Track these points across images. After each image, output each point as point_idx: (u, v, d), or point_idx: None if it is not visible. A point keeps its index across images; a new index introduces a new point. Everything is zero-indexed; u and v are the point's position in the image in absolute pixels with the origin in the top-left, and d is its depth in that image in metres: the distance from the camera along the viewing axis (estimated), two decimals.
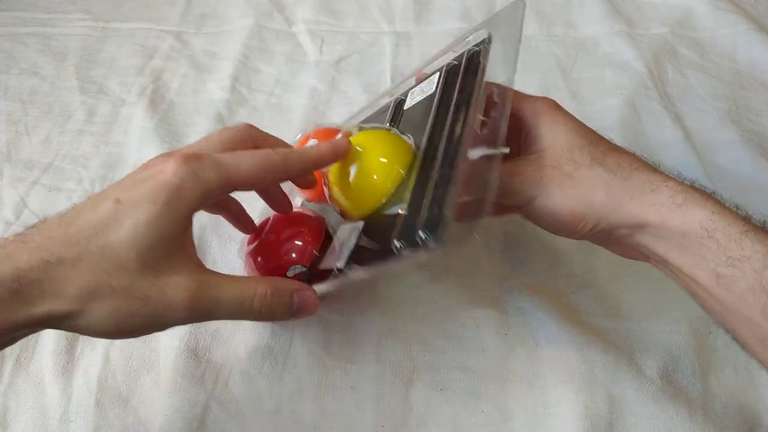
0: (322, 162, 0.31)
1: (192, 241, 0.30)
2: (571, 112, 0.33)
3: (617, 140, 0.33)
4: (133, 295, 0.25)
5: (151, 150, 0.52)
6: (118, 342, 0.39)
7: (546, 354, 0.38)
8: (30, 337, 0.39)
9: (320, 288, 0.33)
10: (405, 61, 0.63)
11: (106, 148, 0.54)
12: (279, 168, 0.29)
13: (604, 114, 0.57)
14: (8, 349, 0.38)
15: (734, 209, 0.28)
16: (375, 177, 0.31)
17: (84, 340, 0.39)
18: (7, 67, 0.62)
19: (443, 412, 0.36)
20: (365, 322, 0.40)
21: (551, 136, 0.32)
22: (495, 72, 0.32)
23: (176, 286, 0.26)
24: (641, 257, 0.32)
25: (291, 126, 0.56)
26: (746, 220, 0.28)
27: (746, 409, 0.36)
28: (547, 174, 0.31)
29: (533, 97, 0.34)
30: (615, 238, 0.31)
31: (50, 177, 0.51)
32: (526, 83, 0.60)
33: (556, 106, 0.33)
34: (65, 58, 0.63)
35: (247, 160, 0.28)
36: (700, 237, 0.27)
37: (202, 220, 0.45)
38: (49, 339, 0.39)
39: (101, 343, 0.39)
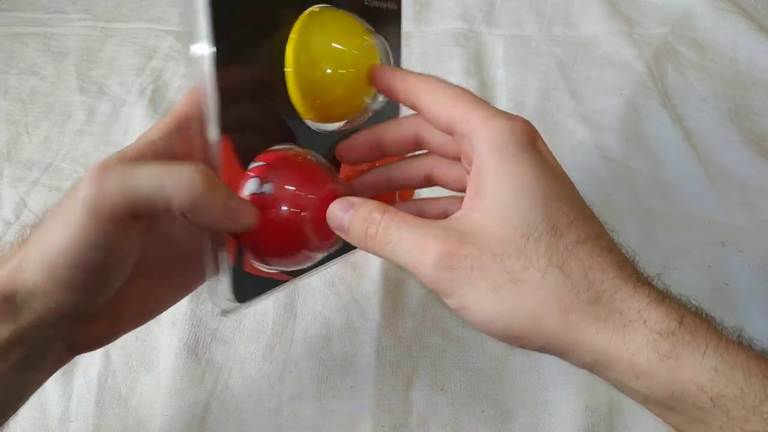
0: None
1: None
2: (571, 112, 0.31)
3: (617, 140, 0.32)
4: (58, 212, 0.22)
5: None
6: (117, 341, 0.39)
7: (545, 355, 0.38)
8: None
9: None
10: (405, 62, 0.63)
11: (106, 148, 0.54)
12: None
13: (604, 114, 0.56)
14: None
15: (737, 340, 0.21)
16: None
17: None
18: (7, 67, 0.62)
19: (443, 412, 0.36)
20: (366, 322, 0.40)
21: (502, 199, 0.22)
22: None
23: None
24: None
25: None
26: (765, 369, 0.19)
27: None
28: (483, 264, 0.21)
29: (500, 113, 0.24)
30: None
31: (50, 177, 0.51)
32: (526, 83, 0.60)
33: (527, 142, 0.23)
34: (65, 58, 0.63)
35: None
36: (701, 405, 0.19)
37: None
38: None
39: None
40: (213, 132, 0.24)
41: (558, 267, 0.21)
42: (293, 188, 0.25)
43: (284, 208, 0.25)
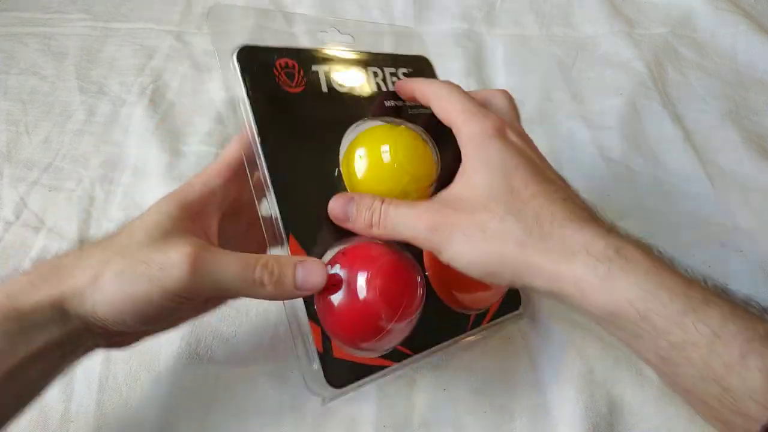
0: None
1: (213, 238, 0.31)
2: (571, 112, 0.33)
3: (617, 140, 0.33)
4: (138, 259, 0.26)
5: (151, 150, 0.52)
6: None
7: (546, 355, 0.38)
8: None
9: None
10: None
11: (106, 148, 0.54)
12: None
13: (604, 114, 0.57)
14: None
15: (671, 264, 0.25)
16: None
17: None
18: (7, 67, 0.62)
19: (446, 412, 0.36)
20: None
21: (475, 175, 0.28)
22: None
23: (178, 246, 0.26)
24: None
25: None
26: (687, 289, 0.23)
27: None
28: (460, 222, 0.27)
29: (478, 114, 0.30)
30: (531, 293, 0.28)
31: (50, 177, 0.51)
32: (526, 84, 0.60)
33: (495, 134, 0.29)
34: (65, 58, 0.63)
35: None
36: (633, 318, 0.23)
37: None
38: None
39: None
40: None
41: (513, 215, 0.26)
42: (357, 268, 0.29)
43: (350, 287, 0.28)
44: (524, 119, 0.33)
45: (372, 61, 0.36)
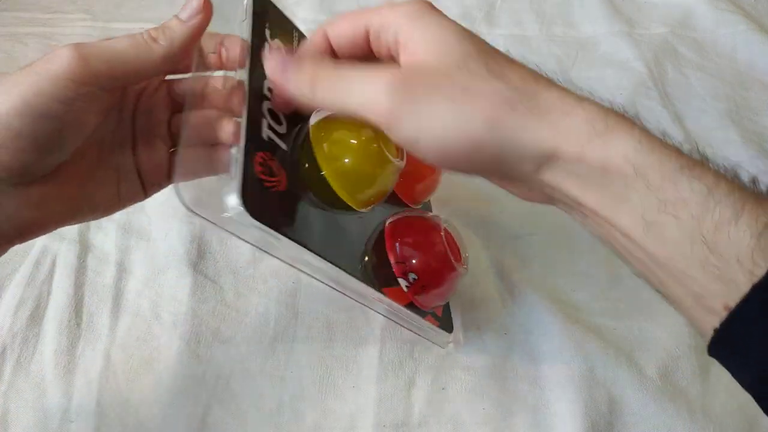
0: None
1: None
2: None
3: None
4: (21, 69, 0.24)
5: None
6: (118, 341, 0.39)
7: (546, 353, 0.38)
8: (30, 336, 0.39)
9: None
10: None
11: None
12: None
13: None
14: (8, 350, 0.38)
15: (664, 139, 0.24)
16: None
17: (85, 339, 0.39)
18: (7, 67, 0.62)
19: (444, 411, 0.36)
20: (368, 322, 0.40)
21: (437, 41, 0.24)
22: None
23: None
24: (546, 200, 0.27)
25: None
26: (680, 152, 0.23)
27: (746, 408, 0.37)
28: (434, 83, 0.24)
29: (395, 3, 0.27)
30: (518, 175, 0.25)
31: None
32: None
33: (432, 8, 0.26)
34: None
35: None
36: (625, 175, 0.22)
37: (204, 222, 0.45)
38: (50, 338, 0.39)
39: (102, 342, 0.39)
40: None
41: (497, 77, 0.24)
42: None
43: None
44: None
45: None
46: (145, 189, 0.31)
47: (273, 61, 0.27)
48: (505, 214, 0.46)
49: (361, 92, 0.24)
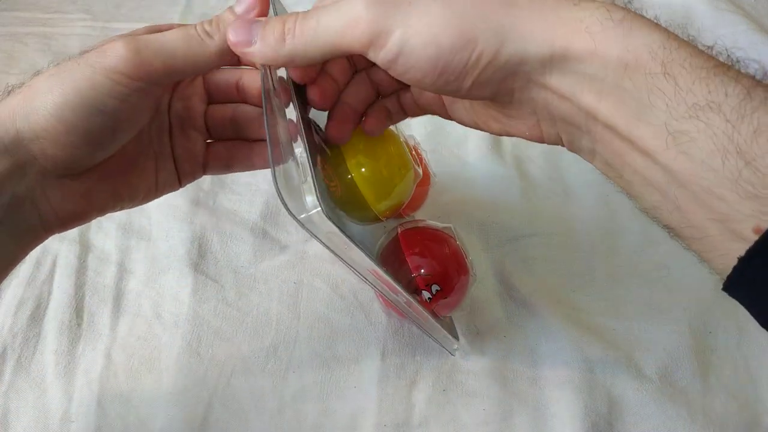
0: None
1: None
2: None
3: None
4: (71, 59, 0.24)
5: None
6: (119, 341, 0.39)
7: (546, 354, 0.39)
8: (31, 336, 0.39)
9: None
10: None
11: None
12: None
13: None
14: (9, 350, 0.38)
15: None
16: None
17: (86, 339, 0.39)
18: (7, 67, 0.62)
19: (445, 411, 0.36)
20: (370, 323, 0.40)
21: None
22: None
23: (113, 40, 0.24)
24: (550, 129, 0.24)
25: None
26: (708, 53, 0.20)
27: (746, 409, 0.37)
28: None
29: None
30: (519, 85, 0.22)
31: None
32: None
33: None
34: None
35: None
36: (652, 73, 0.19)
37: (202, 220, 0.45)
38: (50, 339, 0.39)
39: (103, 342, 0.39)
40: None
41: None
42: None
43: None
44: None
45: None
46: (180, 178, 0.30)
47: (235, 28, 0.24)
48: (504, 215, 0.46)
49: (337, 17, 0.22)
